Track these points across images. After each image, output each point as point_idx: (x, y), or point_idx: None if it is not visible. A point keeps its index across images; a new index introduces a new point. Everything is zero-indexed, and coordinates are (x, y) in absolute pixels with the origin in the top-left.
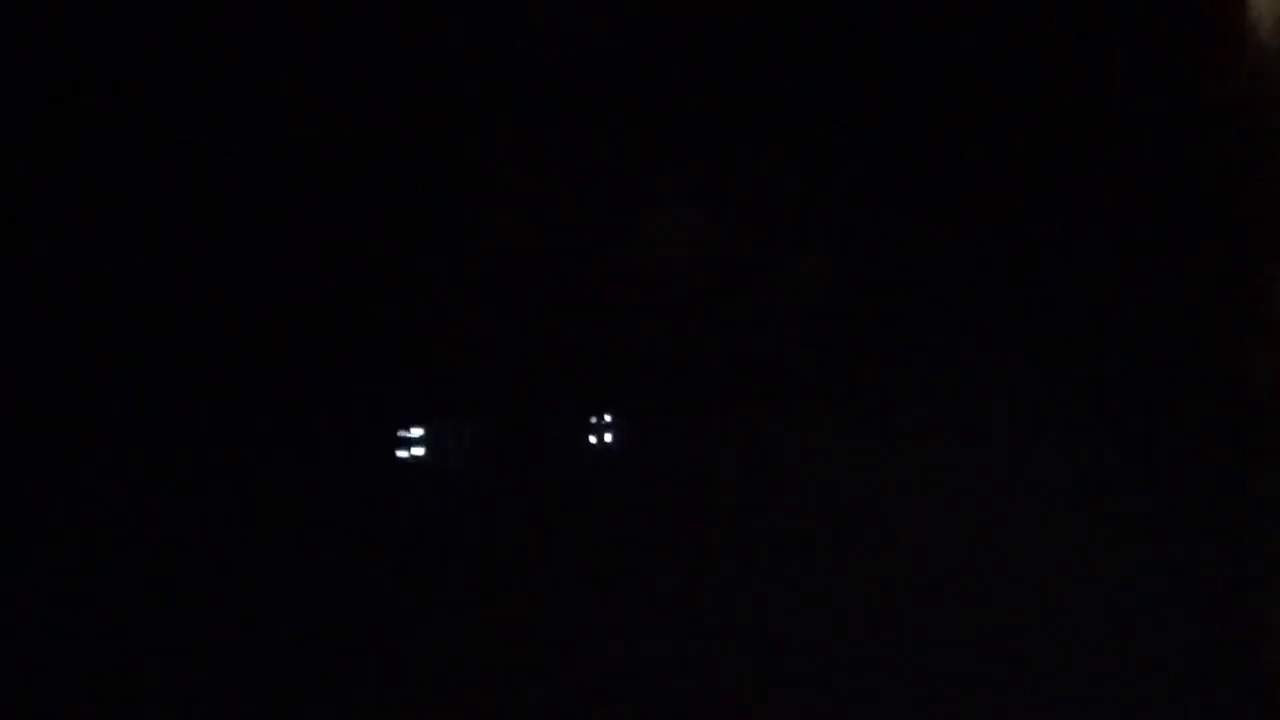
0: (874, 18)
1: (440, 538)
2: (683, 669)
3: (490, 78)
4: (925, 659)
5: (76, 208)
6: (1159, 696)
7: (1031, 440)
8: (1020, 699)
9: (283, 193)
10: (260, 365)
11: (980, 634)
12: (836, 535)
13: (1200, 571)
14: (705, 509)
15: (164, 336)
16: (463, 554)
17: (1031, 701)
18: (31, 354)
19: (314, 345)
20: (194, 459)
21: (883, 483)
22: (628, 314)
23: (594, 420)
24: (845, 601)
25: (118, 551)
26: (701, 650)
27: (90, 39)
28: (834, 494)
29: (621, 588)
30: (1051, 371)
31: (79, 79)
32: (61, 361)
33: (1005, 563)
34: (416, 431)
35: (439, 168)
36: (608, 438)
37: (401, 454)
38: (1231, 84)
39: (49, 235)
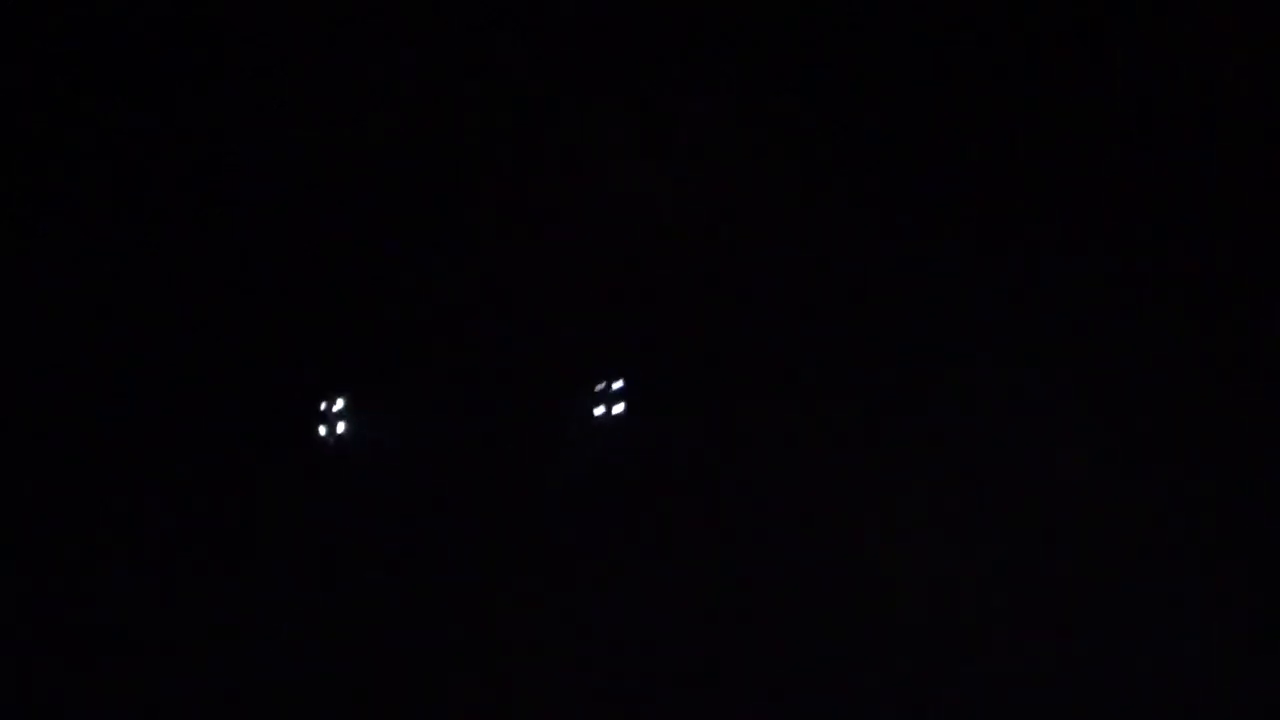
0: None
1: (363, 535)
2: (687, 666)
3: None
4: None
5: None
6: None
7: (1033, 439)
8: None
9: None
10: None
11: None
12: (857, 521)
13: (1202, 570)
14: (734, 498)
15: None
16: (395, 555)
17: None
18: None
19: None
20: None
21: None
22: (641, 261)
23: (601, 387)
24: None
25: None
26: (708, 650)
27: (90, 39)
28: (860, 478)
29: (612, 597)
30: (1052, 371)
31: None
32: None
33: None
34: (339, 403)
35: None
36: (618, 409)
37: (321, 430)
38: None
39: None
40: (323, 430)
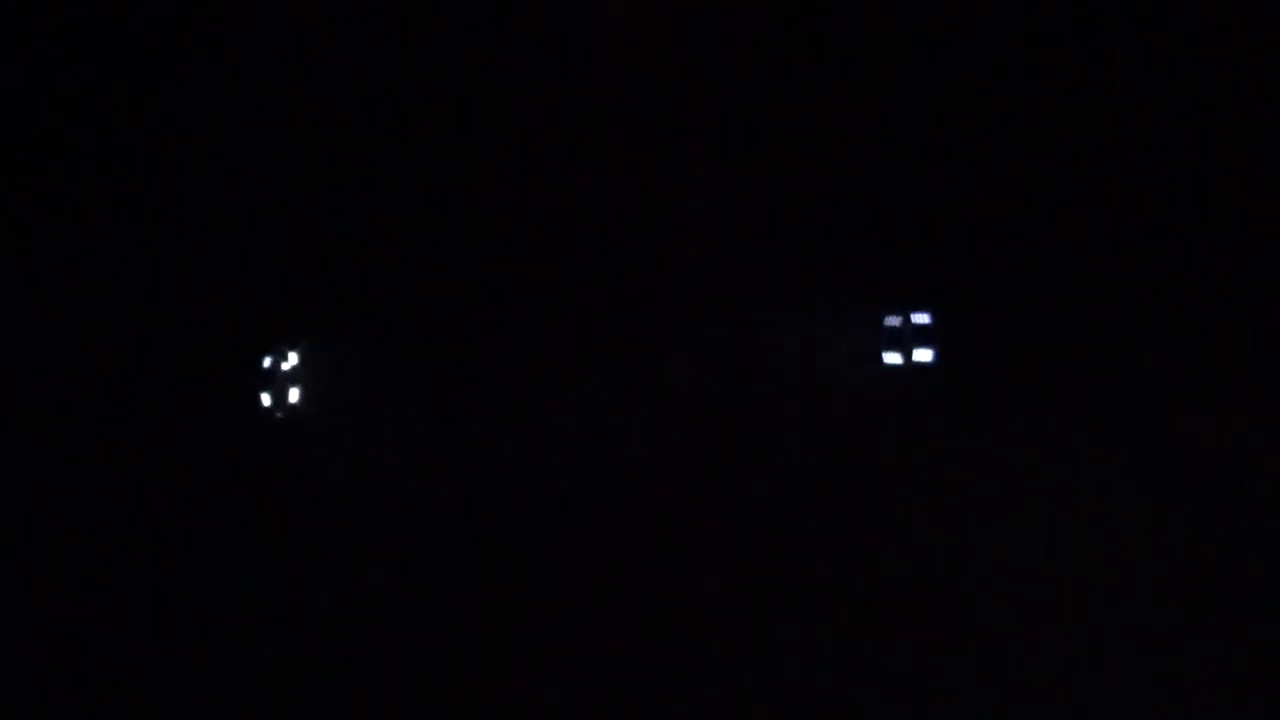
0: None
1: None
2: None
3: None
4: None
5: None
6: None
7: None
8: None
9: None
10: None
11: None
12: None
13: (1202, 571)
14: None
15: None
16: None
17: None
18: None
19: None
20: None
21: None
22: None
23: (894, 323)
24: None
25: None
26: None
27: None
28: None
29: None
30: (1054, 373)
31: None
32: None
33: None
34: (291, 359)
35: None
36: (922, 355)
37: (264, 399)
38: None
39: None
40: (267, 399)
